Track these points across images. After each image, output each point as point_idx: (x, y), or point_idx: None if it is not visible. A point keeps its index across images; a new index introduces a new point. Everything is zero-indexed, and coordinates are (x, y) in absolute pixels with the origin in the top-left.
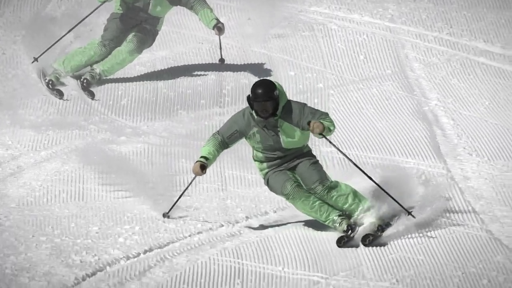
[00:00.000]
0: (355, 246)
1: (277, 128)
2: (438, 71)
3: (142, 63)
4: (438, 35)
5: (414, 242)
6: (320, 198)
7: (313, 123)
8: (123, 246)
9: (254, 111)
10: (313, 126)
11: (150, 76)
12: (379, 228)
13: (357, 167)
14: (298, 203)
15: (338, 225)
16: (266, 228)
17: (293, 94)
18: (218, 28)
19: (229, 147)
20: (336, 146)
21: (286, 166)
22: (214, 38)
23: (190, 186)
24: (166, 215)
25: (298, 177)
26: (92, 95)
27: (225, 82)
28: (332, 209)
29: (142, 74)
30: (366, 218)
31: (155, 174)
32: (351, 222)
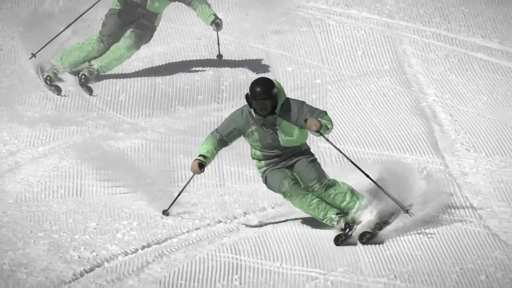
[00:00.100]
0: (353, 243)
1: (275, 126)
2: (436, 67)
3: (140, 59)
4: (436, 31)
5: (412, 238)
6: (318, 196)
7: (310, 120)
8: (121, 242)
9: (252, 109)
10: (310, 123)
11: (148, 72)
12: (377, 226)
13: (354, 165)
14: (296, 201)
15: (336, 223)
16: (264, 224)
17: (291, 90)
18: (216, 23)
19: (227, 145)
20: (333, 144)
21: (284, 164)
22: (212, 34)
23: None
24: (165, 213)
25: (296, 175)
26: (90, 91)
27: (223, 78)
28: (330, 207)
29: (140, 70)
30: (364, 216)
31: (153, 170)
32: (349, 221)
